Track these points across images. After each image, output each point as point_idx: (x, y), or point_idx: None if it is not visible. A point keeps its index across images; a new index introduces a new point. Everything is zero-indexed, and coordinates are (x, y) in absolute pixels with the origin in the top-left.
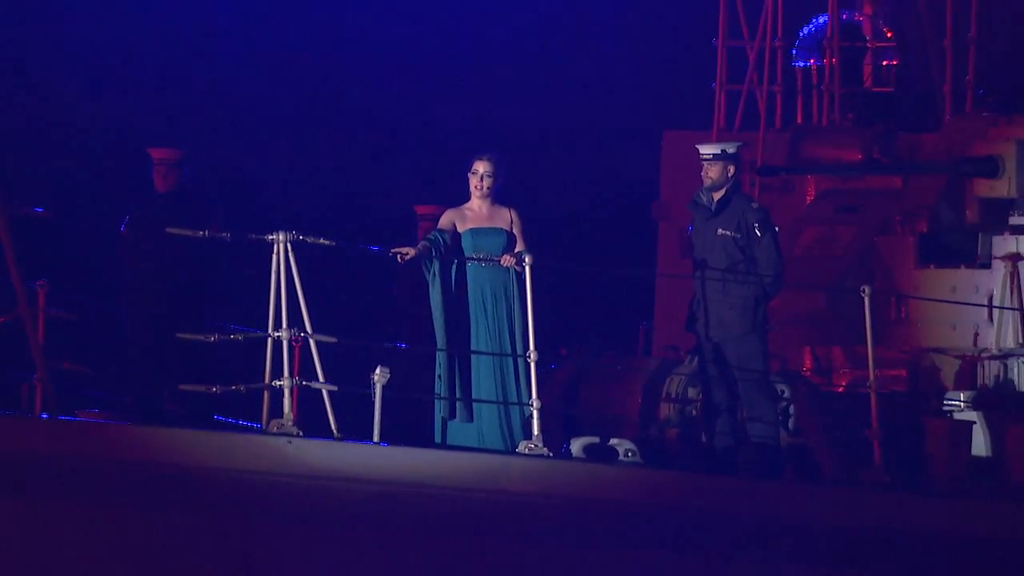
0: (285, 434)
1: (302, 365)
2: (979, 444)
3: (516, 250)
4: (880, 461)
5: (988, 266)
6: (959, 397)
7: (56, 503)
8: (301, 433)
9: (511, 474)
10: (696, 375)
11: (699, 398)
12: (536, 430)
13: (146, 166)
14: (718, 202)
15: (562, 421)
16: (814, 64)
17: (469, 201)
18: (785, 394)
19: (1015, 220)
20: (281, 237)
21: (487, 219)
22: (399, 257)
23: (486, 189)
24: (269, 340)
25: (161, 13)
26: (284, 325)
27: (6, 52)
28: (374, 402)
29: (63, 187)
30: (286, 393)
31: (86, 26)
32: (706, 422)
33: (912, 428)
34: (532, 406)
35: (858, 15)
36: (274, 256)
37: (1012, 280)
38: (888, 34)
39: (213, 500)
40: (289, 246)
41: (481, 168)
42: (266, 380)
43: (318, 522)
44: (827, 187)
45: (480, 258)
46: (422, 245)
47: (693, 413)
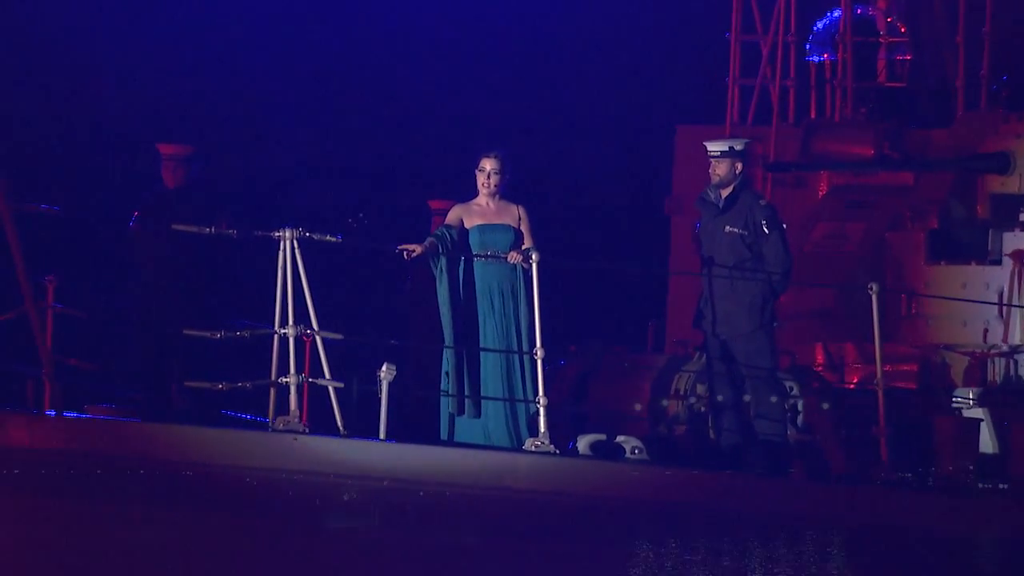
0: (291, 431)
1: (311, 362)
2: (986, 441)
3: (524, 247)
4: (887, 458)
5: (999, 262)
6: (967, 394)
7: (63, 499)
8: (307, 430)
9: (518, 471)
10: (704, 372)
11: (707, 395)
12: (543, 427)
13: (156, 162)
14: (726, 199)
15: (569, 418)
16: (827, 59)
17: (477, 197)
18: (794, 391)
19: None
20: (287, 234)
21: (495, 215)
22: (405, 254)
23: (493, 186)
24: (275, 337)
25: (172, 8)
26: (291, 322)
27: (16, 49)
28: (380, 399)
29: (72, 183)
30: (292, 390)
31: (97, 22)
32: (713, 419)
33: (921, 425)
34: (538, 403)
35: (872, 10)
36: (280, 253)
37: (1022, 276)
38: (902, 29)
39: (219, 496)
40: (296, 243)
41: (488, 165)
42: (272, 377)
43: (324, 519)
44: (839, 183)
45: (487, 255)
46: (429, 242)
47: (701, 410)
